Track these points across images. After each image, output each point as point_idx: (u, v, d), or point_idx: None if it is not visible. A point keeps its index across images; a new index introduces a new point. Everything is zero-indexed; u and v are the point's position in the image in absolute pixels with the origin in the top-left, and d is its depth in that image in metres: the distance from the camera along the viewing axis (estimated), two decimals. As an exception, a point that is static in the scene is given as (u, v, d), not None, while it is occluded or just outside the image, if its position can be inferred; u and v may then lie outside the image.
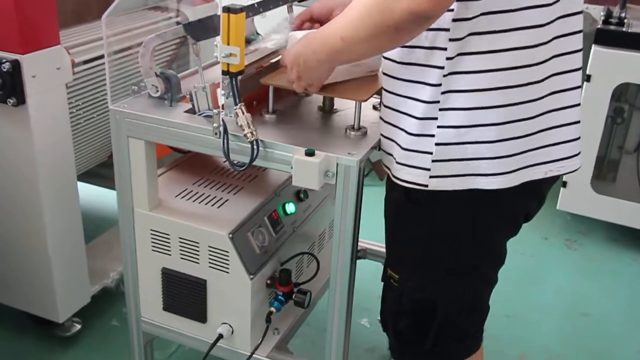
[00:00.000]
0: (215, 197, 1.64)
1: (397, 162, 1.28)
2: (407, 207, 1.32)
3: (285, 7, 1.66)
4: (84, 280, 2.09)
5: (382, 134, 1.34)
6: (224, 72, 1.34)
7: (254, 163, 1.37)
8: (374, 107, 1.57)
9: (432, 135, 1.22)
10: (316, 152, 1.30)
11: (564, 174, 1.30)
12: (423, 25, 1.13)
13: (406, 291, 1.40)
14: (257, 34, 1.84)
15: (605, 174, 2.95)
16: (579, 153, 1.32)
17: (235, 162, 1.39)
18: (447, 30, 1.16)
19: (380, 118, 1.33)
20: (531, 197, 1.34)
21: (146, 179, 1.53)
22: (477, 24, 1.15)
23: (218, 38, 1.32)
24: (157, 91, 1.51)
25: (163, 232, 1.57)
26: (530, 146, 1.24)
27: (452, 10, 1.15)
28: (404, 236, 1.38)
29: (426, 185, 1.25)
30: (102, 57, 1.86)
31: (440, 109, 1.21)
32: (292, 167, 1.32)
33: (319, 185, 1.31)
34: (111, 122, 1.50)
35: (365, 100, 1.39)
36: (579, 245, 2.89)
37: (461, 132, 1.20)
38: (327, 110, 1.54)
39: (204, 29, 1.40)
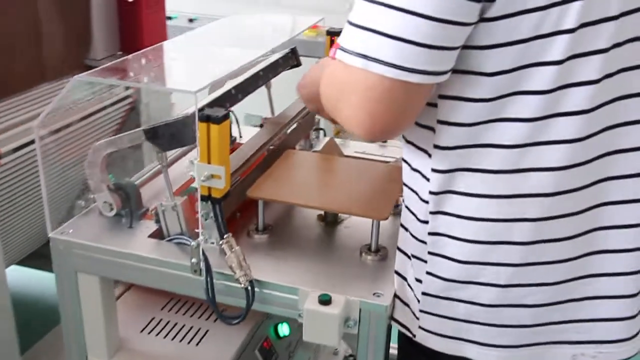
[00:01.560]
0: (192, 327, 1.30)
1: (395, 294, 1.02)
2: (407, 346, 1.04)
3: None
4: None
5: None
6: (203, 198, 1.02)
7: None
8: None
9: (420, 281, 0.95)
10: (333, 297, 0.99)
11: None
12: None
13: None
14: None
15: None
16: (636, 334, 0.95)
17: (222, 311, 1.07)
18: (427, 154, 0.87)
19: None
20: None
21: (103, 321, 1.18)
22: (469, 156, 0.84)
23: (192, 153, 1.00)
24: (112, 209, 1.17)
25: (128, 386, 1.23)
26: (550, 318, 0.91)
27: (431, 129, 0.86)
28: None
29: (414, 335, 0.98)
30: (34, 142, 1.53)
31: (429, 253, 0.92)
32: (300, 316, 1.01)
33: (338, 341, 1.00)
34: (53, 254, 1.16)
35: (386, 219, 1.09)
36: None
37: (451, 287, 0.91)
38: (330, 220, 1.23)
39: (172, 135, 1.07)
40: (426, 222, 0.91)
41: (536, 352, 0.92)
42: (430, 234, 0.90)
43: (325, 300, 0.99)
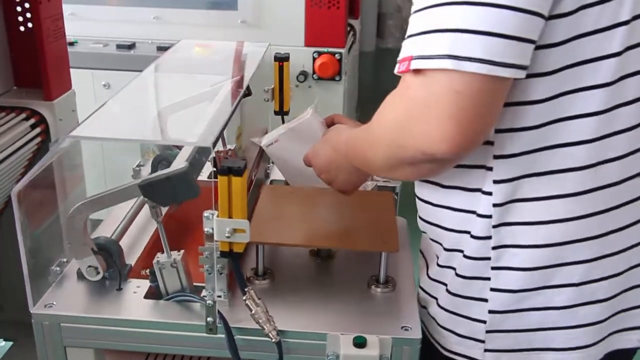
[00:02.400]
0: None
1: (439, 325, 1.02)
2: None
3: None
4: None
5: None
6: (224, 254, 0.95)
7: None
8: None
9: (485, 300, 0.95)
10: (368, 338, 0.97)
11: None
12: (443, 167, 0.87)
13: None
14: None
15: None
16: None
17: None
18: (488, 169, 0.89)
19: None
20: None
21: (98, 396, 1.08)
22: (535, 160, 0.86)
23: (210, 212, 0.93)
24: (98, 273, 1.07)
25: None
26: (618, 308, 0.96)
27: (491, 143, 0.87)
28: None
29: None
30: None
31: (493, 268, 0.93)
32: (332, 362, 0.99)
33: (377, 381, 0.99)
34: (36, 331, 1.03)
35: (398, 250, 1.09)
36: None
37: (522, 297, 0.93)
38: (324, 255, 1.20)
39: (172, 189, 0.99)
40: (487, 238, 0.91)
41: (608, 343, 0.96)
42: (494, 248, 0.91)
43: (360, 343, 0.97)
